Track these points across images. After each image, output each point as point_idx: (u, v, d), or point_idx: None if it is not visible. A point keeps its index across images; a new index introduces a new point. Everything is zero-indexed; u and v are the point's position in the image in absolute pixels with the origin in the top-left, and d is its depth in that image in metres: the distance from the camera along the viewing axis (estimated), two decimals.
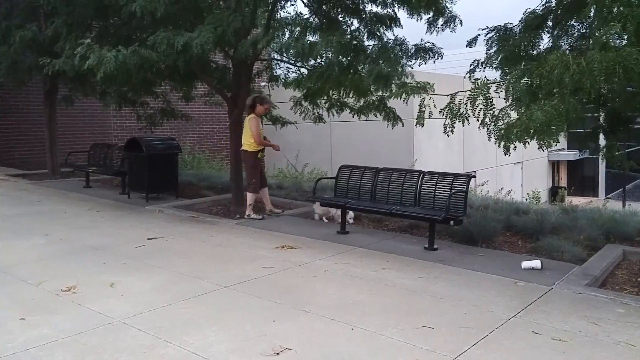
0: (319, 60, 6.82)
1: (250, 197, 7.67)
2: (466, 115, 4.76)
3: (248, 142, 7.63)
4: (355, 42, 7.14)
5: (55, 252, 5.86)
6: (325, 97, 8.92)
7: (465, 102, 4.71)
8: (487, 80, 4.88)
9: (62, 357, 3.34)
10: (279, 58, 8.71)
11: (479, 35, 5.83)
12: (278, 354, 3.37)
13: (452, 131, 4.98)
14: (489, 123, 4.68)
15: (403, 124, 8.61)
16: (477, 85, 4.71)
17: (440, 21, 7.07)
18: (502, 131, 4.34)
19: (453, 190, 6.03)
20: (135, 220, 7.54)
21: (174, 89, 10.49)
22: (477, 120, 4.75)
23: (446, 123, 4.90)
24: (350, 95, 8.11)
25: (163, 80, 9.27)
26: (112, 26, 8.46)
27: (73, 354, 3.38)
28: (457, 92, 4.98)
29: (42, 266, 5.34)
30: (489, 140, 5.01)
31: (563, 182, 30.29)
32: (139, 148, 9.00)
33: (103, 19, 8.75)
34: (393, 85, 6.83)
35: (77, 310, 4.13)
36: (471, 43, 5.99)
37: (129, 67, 6.43)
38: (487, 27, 5.84)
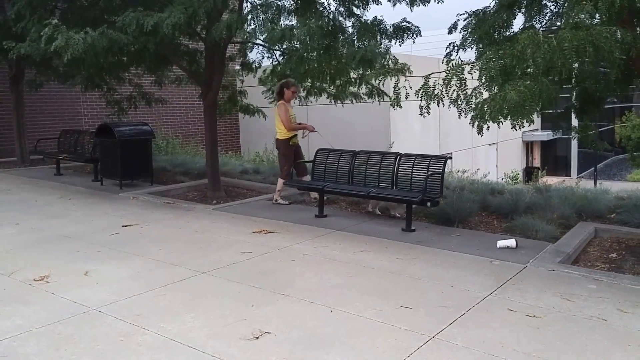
0: (295, 43, 6.71)
1: (279, 183, 7.52)
2: (441, 96, 4.76)
3: (279, 129, 7.47)
4: (333, 23, 7.05)
5: (27, 241, 5.73)
6: (302, 84, 8.82)
7: (440, 83, 4.71)
8: (462, 61, 4.88)
9: (36, 347, 3.27)
10: (252, 41, 8.56)
11: (458, 20, 5.79)
12: (257, 337, 3.36)
13: (428, 112, 4.98)
14: (460, 103, 4.70)
15: (383, 100, 8.50)
16: (451, 67, 4.71)
17: None
18: (476, 111, 4.35)
19: (430, 172, 6.07)
20: (109, 208, 7.41)
21: (146, 73, 10.27)
22: (450, 100, 4.75)
23: (422, 104, 4.90)
24: (330, 80, 8.00)
25: (132, 64, 9.05)
26: (78, 8, 8.18)
27: (48, 344, 3.32)
28: (432, 73, 4.97)
29: (14, 256, 5.21)
30: (459, 118, 5.02)
31: (537, 162, 30.87)
32: (111, 134, 8.82)
33: (68, 0, 8.46)
34: (374, 67, 6.76)
35: (50, 299, 4.05)
36: (451, 30, 5.92)
37: (97, 49, 6.24)
38: (466, 11, 5.79)
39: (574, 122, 6.78)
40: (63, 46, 6.05)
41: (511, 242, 5.29)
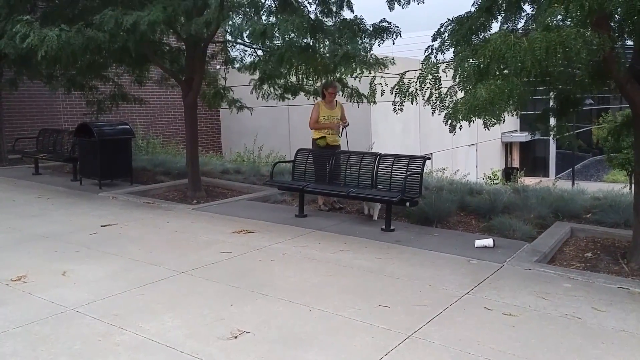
0: (276, 42, 6.70)
1: None
2: (415, 94, 4.80)
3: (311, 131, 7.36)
4: (313, 22, 7.05)
5: (4, 241, 5.64)
6: (283, 80, 8.81)
7: (415, 81, 4.75)
8: (437, 60, 4.93)
9: (12, 347, 3.24)
10: (233, 40, 8.53)
11: (441, 28, 5.82)
12: (236, 337, 3.37)
13: (401, 109, 5.01)
14: (434, 101, 4.74)
15: (365, 101, 8.49)
16: (426, 65, 4.76)
17: None
18: (450, 110, 4.41)
19: (409, 172, 6.12)
20: (88, 208, 7.33)
21: (127, 72, 10.17)
22: (423, 98, 4.79)
23: (396, 101, 4.93)
24: (312, 76, 7.96)
25: (113, 63, 8.95)
26: (57, 6, 8.07)
27: (24, 344, 3.28)
28: (407, 71, 5.00)
29: None
30: (432, 115, 5.06)
31: (516, 163, 31.25)
32: (90, 133, 8.73)
33: None
34: (354, 64, 6.78)
35: (27, 299, 4.00)
36: (436, 37, 5.95)
37: (73, 48, 6.17)
38: (448, 19, 5.85)
39: (553, 123, 6.88)
40: (36, 43, 5.96)
41: (489, 242, 5.37)
